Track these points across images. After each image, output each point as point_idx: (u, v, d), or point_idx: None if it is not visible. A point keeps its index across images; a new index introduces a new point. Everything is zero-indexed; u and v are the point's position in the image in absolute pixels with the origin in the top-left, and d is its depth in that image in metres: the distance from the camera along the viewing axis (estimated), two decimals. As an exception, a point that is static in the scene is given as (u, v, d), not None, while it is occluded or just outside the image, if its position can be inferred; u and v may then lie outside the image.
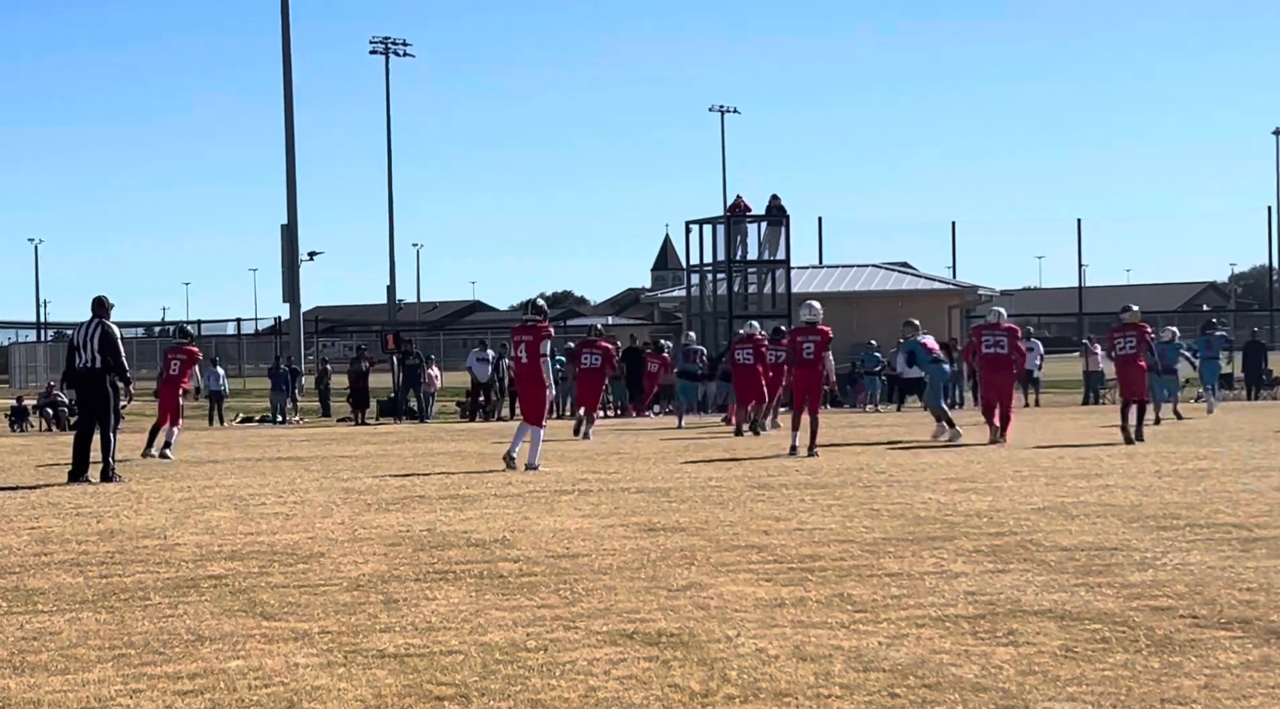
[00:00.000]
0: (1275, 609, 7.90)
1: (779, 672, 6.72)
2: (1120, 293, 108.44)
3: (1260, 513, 12.03)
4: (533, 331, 18.45)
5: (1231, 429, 24.56)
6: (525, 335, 18.53)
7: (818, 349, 20.69)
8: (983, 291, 49.87)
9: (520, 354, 18.62)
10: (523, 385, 18.97)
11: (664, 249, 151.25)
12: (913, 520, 11.98)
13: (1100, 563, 9.59)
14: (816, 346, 20.69)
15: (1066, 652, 6.99)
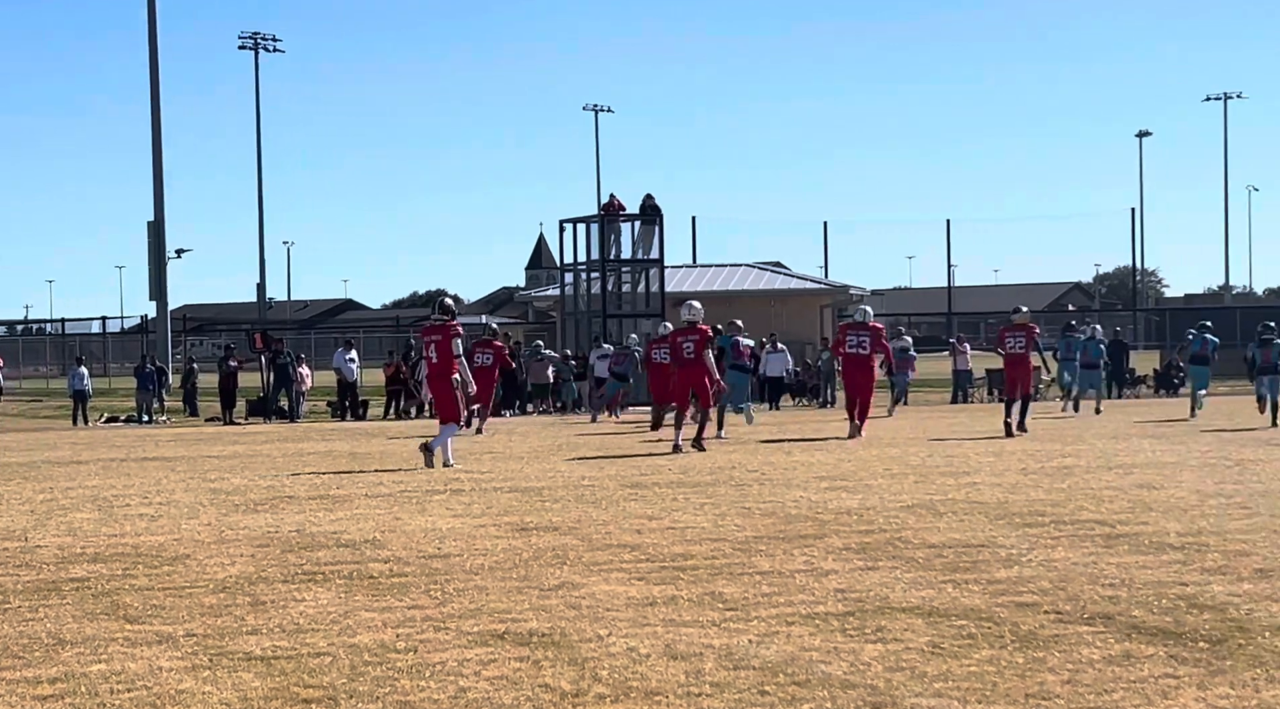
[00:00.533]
0: (1137, 604, 8.04)
1: (650, 670, 6.72)
2: (988, 293, 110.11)
3: (1122, 510, 12.25)
4: (442, 331, 18.68)
5: (1096, 427, 25.00)
6: (435, 335, 18.78)
7: (697, 348, 20.90)
8: (854, 291, 50.37)
9: (431, 354, 18.86)
10: (434, 384, 19.08)
11: (538, 248, 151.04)
12: (784, 518, 12.05)
13: (967, 560, 9.71)
14: (696, 346, 20.90)
15: (933, 648, 7.07)
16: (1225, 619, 7.61)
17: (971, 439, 22.14)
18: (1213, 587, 8.55)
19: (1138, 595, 8.31)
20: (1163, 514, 11.89)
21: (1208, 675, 6.45)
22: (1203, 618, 7.65)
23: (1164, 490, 13.75)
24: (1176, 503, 12.68)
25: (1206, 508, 12.28)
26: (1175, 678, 6.42)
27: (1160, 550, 9.96)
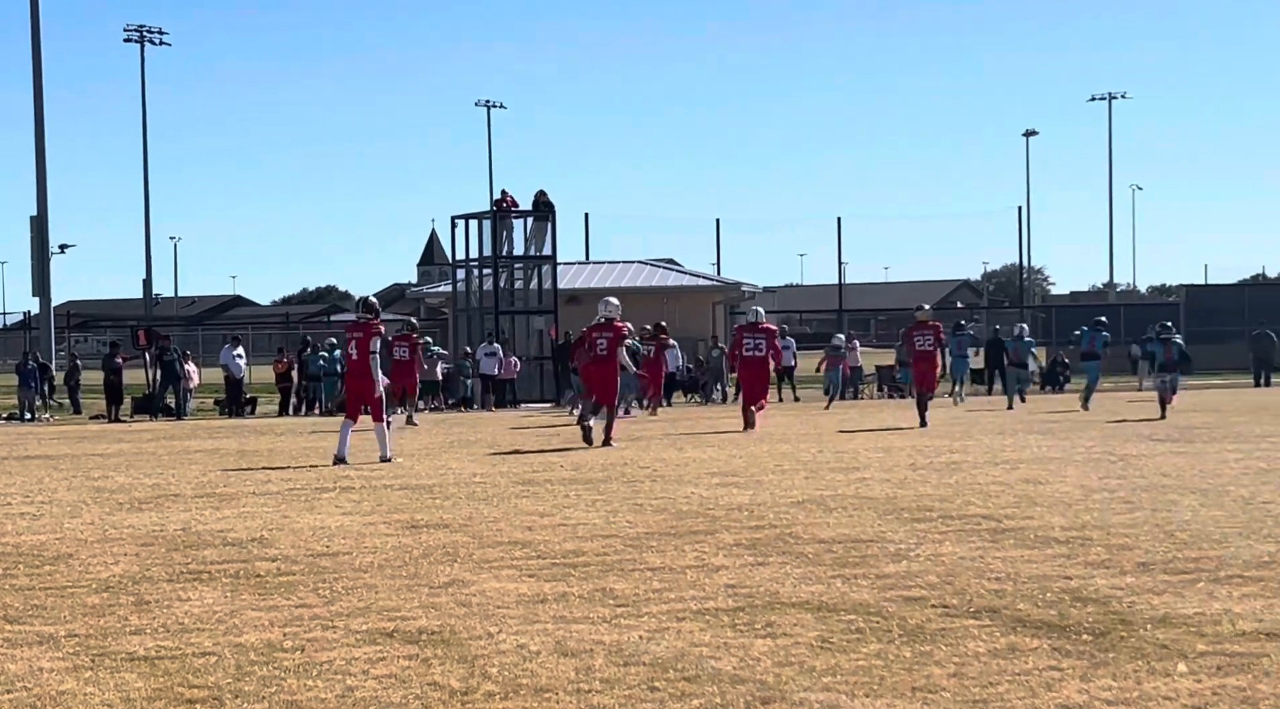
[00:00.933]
0: (1022, 598, 8.14)
1: (540, 668, 6.70)
2: (879, 290, 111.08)
3: (1009, 505, 12.40)
4: (364, 329, 18.89)
5: (983, 423, 25.29)
6: (356, 333, 19.04)
7: (611, 345, 21.14)
8: (746, 288, 50.58)
9: (351, 351, 19.08)
10: (355, 382, 19.17)
11: (430, 244, 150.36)
12: (675, 515, 12.07)
13: (856, 555, 9.78)
14: (610, 343, 21.15)
15: (822, 642, 7.11)
16: (1108, 612, 7.72)
17: (863, 434, 22.32)
18: (1096, 580, 8.67)
19: (1023, 589, 8.41)
20: (1048, 509, 12.05)
21: (1091, 668, 6.53)
22: (1086, 611, 7.75)
23: (1049, 485, 13.93)
24: (1061, 498, 12.85)
25: (1090, 502, 12.46)
26: (1059, 670, 6.50)
27: (1045, 545, 10.09)
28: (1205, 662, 6.59)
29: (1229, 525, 10.88)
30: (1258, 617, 7.53)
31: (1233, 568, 9.01)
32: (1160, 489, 13.45)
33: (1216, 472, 15.07)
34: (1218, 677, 6.32)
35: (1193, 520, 11.19)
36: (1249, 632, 7.18)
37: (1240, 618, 7.50)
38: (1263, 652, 6.75)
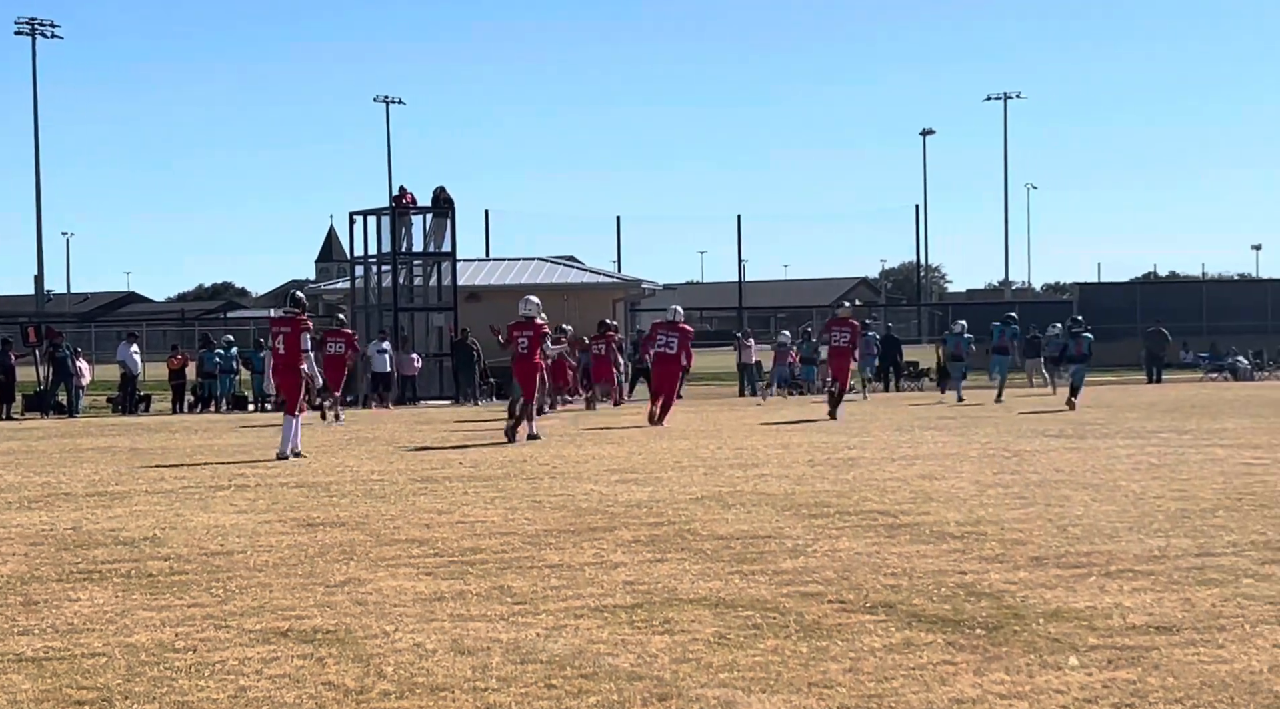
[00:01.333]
0: (917, 593, 8.20)
1: (436, 666, 6.66)
2: (778, 287, 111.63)
3: (905, 500, 12.50)
4: (291, 324, 19.05)
5: (881, 419, 25.49)
6: (284, 327, 19.17)
7: (532, 343, 21.53)
8: (646, 285, 50.59)
9: (278, 345, 19.16)
10: (281, 376, 19.31)
11: (328, 240, 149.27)
12: (574, 512, 12.06)
13: (754, 551, 9.81)
14: (531, 340, 21.55)
15: (720, 638, 7.12)
16: (1001, 606, 7.80)
17: (762, 431, 22.41)
18: (990, 575, 8.76)
19: (918, 584, 8.48)
20: (943, 504, 12.16)
21: (984, 661, 6.60)
22: (980, 605, 7.83)
23: (945, 481, 14.06)
24: (956, 493, 12.98)
25: (985, 498, 12.59)
26: (953, 664, 6.55)
27: (940, 540, 10.18)
28: (1096, 655, 6.67)
29: (1120, 520, 11.03)
30: (1147, 610, 7.64)
31: (1123, 562, 9.14)
32: (1053, 485, 13.62)
33: (1108, 467, 15.28)
34: (1108, 670, 6.40)
35: (1085, 515, 11.33)
36: (1139, 625, 7.28)
37: (1130, 611, 7.61)
38: (1152, 645, 6.85)
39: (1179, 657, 6.62)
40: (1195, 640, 6.92)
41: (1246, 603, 7.80)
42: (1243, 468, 14.92)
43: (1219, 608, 7.68)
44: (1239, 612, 7.57)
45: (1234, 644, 6.84)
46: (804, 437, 21.11)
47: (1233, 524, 10.72)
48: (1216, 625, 7.25)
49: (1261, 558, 9.22)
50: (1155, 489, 13.08)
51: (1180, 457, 16.43)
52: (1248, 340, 51.66)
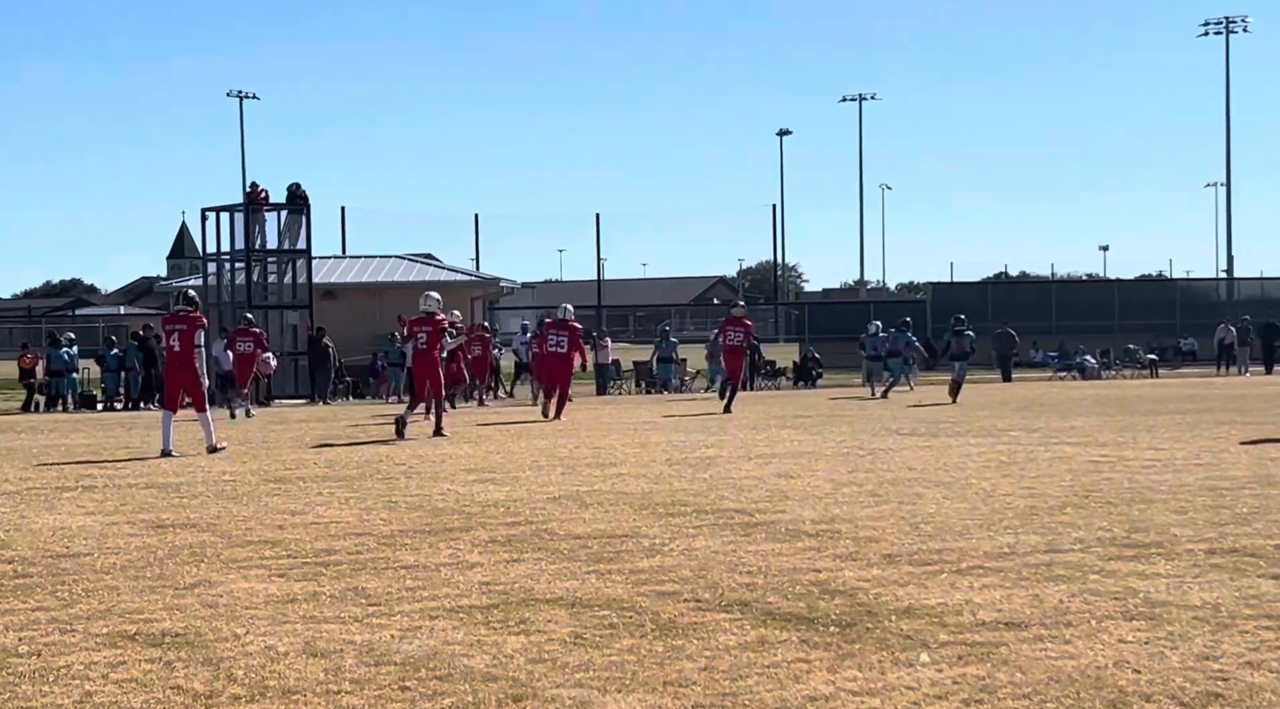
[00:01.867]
0: (772, 591, 8.26)
1: (288, 669, 6.57)
2: (637, 286, 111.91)
3: (761, 499, 12.58)
4: (186, 321, 19.14)
5: (738, 418, 25.64)
6: (178, 325, 19.22)
7: (431, 338, 21.97)
8: (505, 284, 50.47)
9: (173, 344, 19.21)
10: (175, 373, 19.35)
11: (180, 236, 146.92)
12: (431, 512, 11.98)
13: (611, 550, 9.81)
14: (430, 336, 22.00)
15: (576, 638, 7.11)
16: (855, 604, 7.88)
17: (620, 430, 22.44)
18: (844, 572, 8.84)
19: (773, 582, 8.53)
20: (799, 502, 12.26)
21: (837, 659, 6.65)
22: (834, 603, 7.90)
23: (800, 479, 14.18)
24: (812, 491, 13.09)
25: (840, 496, 12.72)
26: (807, 662, 6.60)
27: (796, 538, 10.26)
28: (947, 651, 6.76)
29: (971, 518, 11.20)
30: (997, 607, 7.76)
31: (974, 559, 9.27)
32: (906, 482, 13.79)
33: (960, 465, 15.52)
34: (958, 666, 6.49)
35: (937, 513, 11.49)
36: (988, 621, 7.39)
37: (980, 608, 7.72)
38: (1001, 641, 6.95)
39: (1027, 652, 6.72)
40: (1043, 636, 7.04)
41: (1093, 599, 7.95)
42: (1090, 465, 15.23)
43: (1066, 604, 7.82)
44: (1085, 607, 7.72)
45: (1080, 639, 6.97)
46: (662, 435, 21.18)
47: (1080, 521, 10.93)
48: (1064, 621, 7.38)
49: (1107, 554, 9.40)
50: (1005, 486, 13.30)
51: (1030, 454, 16.72)
52: (1095, 339, 52.82)
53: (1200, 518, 11.03)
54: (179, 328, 19.13)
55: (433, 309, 22.21)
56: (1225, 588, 8.20)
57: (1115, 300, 61.57)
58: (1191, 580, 8.45)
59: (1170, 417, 23.81)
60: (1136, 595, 8.02)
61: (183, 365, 19.09)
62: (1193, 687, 6.08)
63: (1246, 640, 6.89)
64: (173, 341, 19.22)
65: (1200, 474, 14.17)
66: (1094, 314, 58.67)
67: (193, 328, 19.03)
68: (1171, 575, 8.63)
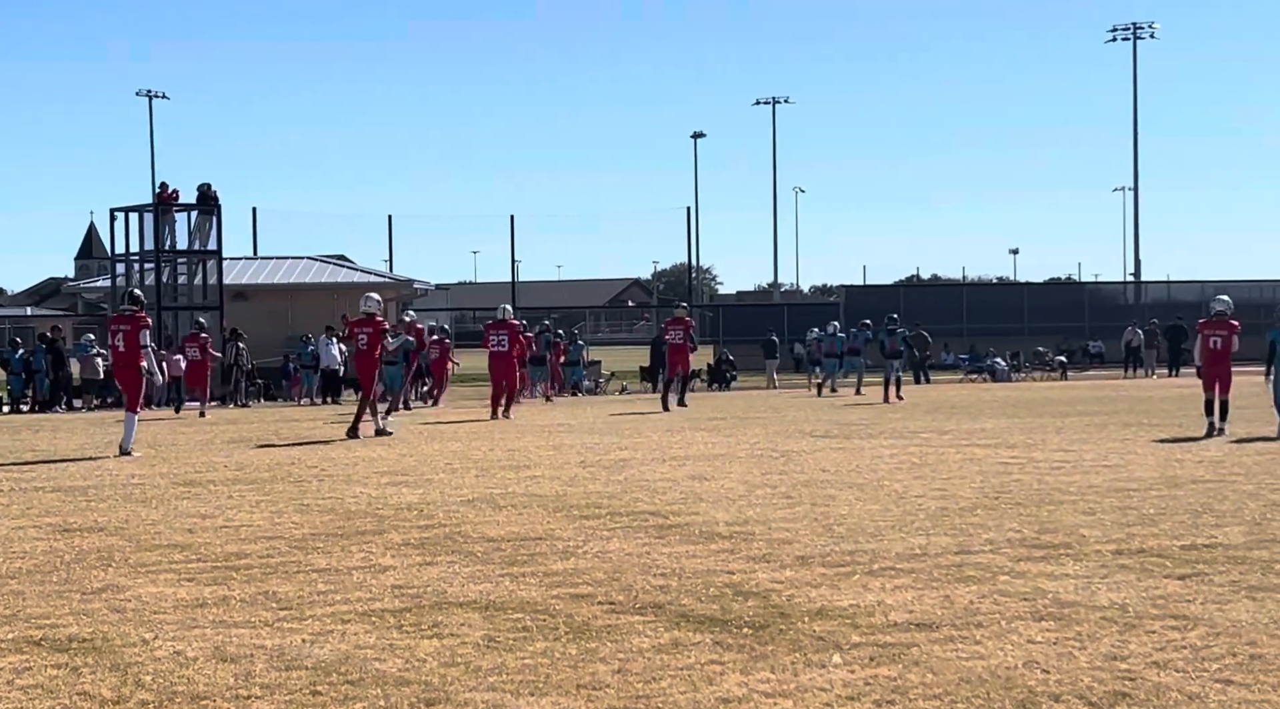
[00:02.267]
0: (686, 593, 8.27)
1: (197, 674, 6.50)
2: (552, 288, 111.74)
3: (675, 501, 12.60)
4: (130, 322, 19.27)
5: (651, 421, 25.66)
6: (123, 325, 19.38)
7: (372, 339, 22.20)
8: (419, 285, 50.25)
9: (118, 343, 19.40)
10: (121, 373, 19.57)
11: (89, 237, 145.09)
12: (343, 515, 11.90)
13: (525, 553, 9.79)
14: (371, 337, 22.22)
15: (489, 641, 7.08)
16: (768, 605, 7.90)
17: (535, 432, 22.39)
18: (757, 574, 8.87)
19: (687, 584, 8.55)
20: (712, 504, 12.29)
21: (750, 661, 6.67)
22: (747, 605, 7.92)
23: (714, 481, 14.21)
24: (726, 493, 13.13)
25: (753, 498, 12.76)
26: (721, 664, 6.61)
27: (709, 540, 10.28)
28: (859, 652, 6.80)
29: (883, 519, 11.27)
30: (908, 608, 7.81)
31: (886, 561, 9.33)
32: (819, 484, 13.86)
33: (872, 467, 15.61)
34: (870, 667, 6.53)
35: (849, 515, 11.56)
36: (900, 623, 7.45)
37: (892, 609, 7.78)
38: (913, 642, 7.00)
39: (938, 653, 6.78)
40: (954, 637, 7.10)
41: (1003, 600, 8.02)
42: (1000, 467, 15.37)
43: (976, 605, 7.89)
44: (996, 608, 7.79)
45: (990, 640, 7.03)
46: (576, 438, 21.16)
47: (990, 522, 11.03)
48: (974, 622, 7.44)
49: (1017, 555, 9.50)
50: (917, 488, 13.40)
51: (941, 456, 16.86)
52: (1005, 342, 53.34)
53: (1108, 519, 11.16)
54: (124, 328, 19.26)
55: (374, 310, 22.48)
56: (1132, 588, 8.31)
57: (1025, 303, 62.25)
58: (1099, 581, 8.55)
59: (1078, 418, 24.09)
60: (1046, 596, 8.10)
61: (128, 365, 19.21)
62: (1100, 687, 6.15)
63: (1153, 640, 6.98)
64: (117, 341, 19.40)
65: (1108, 475, 14.34)
66: (1004, 317, 59.27)
67: (137, 328, 19.14)
68: (1080, 576, 8.72)
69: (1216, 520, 11.02)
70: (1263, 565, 9.00)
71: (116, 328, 19.59)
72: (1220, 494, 12.68)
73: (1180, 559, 9.27)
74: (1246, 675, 6.31)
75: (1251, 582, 8.47)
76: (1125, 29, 79.72)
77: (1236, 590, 8.21)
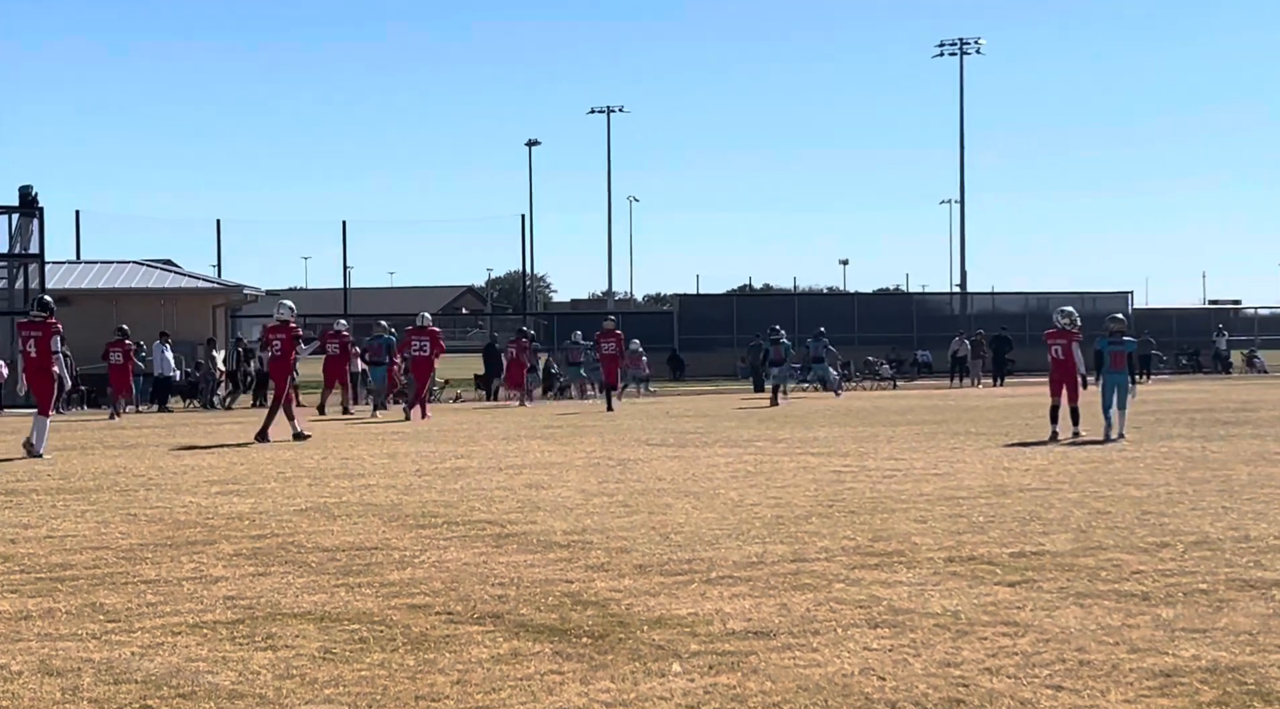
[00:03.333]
0: (525, 603, 8.23)
1: (22, 689, 6.32)
2: (384, 294, 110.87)
3: (512, 510, 12.55)
4: (42, 328, 19.48)
5: (487, 429, 25.55)
6: (34, 331, 19.56)
7: (285, 345, 22.92)
8: (248, 291, 49.50)
9: (29, 349, 19.56)
10: (32, 377, 19.71)
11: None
12: (172, 525, 11.66)
13: (360, 563, 9.68)
14: (284, 343, 22.94)
15: (325, 653, 6.98)
16: (607, 614, 7.90)
17: (369, 441, 22.19)
18: (596, 583, 8.86)
19: (526, 594, 8.51)
20: (550, 513, 12.26)
21: (590, 670, 6.65)
22: (586, 614, 7.90)
23: (551, 490, 14.19)
24: (563, 502, 13.11)
25: (591, 507, 12.76)
26: (560, 674, 6.59)
27: (548, 549, 10.25)
28: (698, 661, 6.82)
29: (720, 528, 11.34)
30: (746, 616, 7.85)
31: (723, 569, 9.38)
32: (656, 493, 13.91)
33: (708, 475, 15.70)
34: (709, 675, 6.55)
35: (686, 523, 11.60)
36: (738, 631, 7.48)
37: (730, 617, 7.81)
38: (751, 650, 7.04)
39: (776, 661, 6.82)
40: (791, 645, 7.15)
41: (839, 607, 8.11)
42: (833, 475, 15.55)
43: (813, 612, 7.96)
44: (832, 616, 7.87)
45: (827, 648, 7.09)
46: (411, 446, 21.00)
47: (825, 530, 11.15)
48: (811, 630, 7.50)
49: (852, 563, 9.61)
50: (753, 496, 13.50)
51: (775, 464, 17.02)
52: (836, 352, 53.96)
53: (939, 527, 11.34)
54: (34, 334, 19.51)
55: (286, 317, 23.31)
56: (964, 595, 8.44)
57: (855, 313, 63.07)
58: (932, 588, 8.68)
59: (909, 427, 24.48)
60: (880, 603, 8.20)
61: (40, 370, 19.41)
62: (935, 693, 6.24)
63: (985, 647, 7.10)
64: (29, 347, 19.61)
65: (938, 484, 14.58)
66: (835, 326, 60.01)
67: (48, 333, 19.40)
68: (914, 583, 8.85)
69: (1044, 528, 11.25)
70: (1089, 572, 9.21)
71: (28, 334, 19.72)
72: (1047, 502, 12.96)
73: (1010, 566, 9.45)
74: (1076, 681, 6.44)
75: (1079, 589, 8.66)
76: (952, 44, 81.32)
77: (1065, 597, 8.39)
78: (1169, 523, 11.49)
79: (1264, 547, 10.21)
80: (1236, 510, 12.24)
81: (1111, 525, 11.35)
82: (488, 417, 30.91)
